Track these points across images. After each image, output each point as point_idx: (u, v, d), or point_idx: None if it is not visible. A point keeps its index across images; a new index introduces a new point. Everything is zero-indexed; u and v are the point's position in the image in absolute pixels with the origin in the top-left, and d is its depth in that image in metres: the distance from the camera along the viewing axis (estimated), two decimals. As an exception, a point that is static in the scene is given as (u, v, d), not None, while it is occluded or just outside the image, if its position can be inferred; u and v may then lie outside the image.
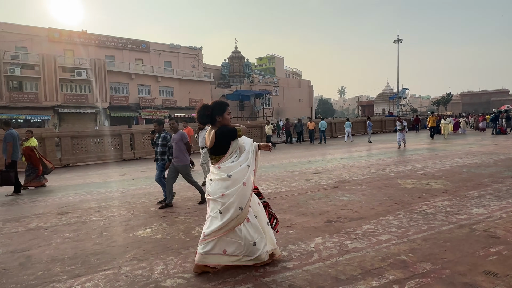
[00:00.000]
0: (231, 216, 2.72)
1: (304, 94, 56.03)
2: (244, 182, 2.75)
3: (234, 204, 2.71)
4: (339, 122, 27.90)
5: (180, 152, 5.47)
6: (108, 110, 29.63)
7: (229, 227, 2.76)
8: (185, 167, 5.53)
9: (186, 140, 5.54)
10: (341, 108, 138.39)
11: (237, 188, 2.73)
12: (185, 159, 5.51)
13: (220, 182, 2.77)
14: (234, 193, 2.72)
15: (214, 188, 2.79)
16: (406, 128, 14.72)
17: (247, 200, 2.76)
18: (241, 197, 2.74)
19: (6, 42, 27.59)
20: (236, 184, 2.73)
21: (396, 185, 6.68)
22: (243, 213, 2.74)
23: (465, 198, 5.37)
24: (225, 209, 2.72)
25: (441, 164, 9.32)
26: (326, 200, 5.63)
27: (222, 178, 2.76)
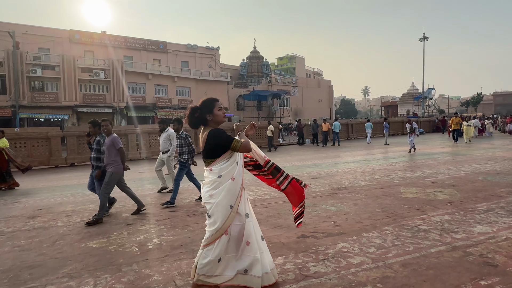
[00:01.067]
0: (222, 218, 2.46)
1: (323, 94, 54.86)
2: (232, 177, 2.52)
3: (223, 202, 2.47)
4: (356, 123, 26.93)
5: (111, 159, 4.87)
6: (125, 110, 30.09)
7: (219, 231, 2.48)
8: (117, 175, 4.96)
9: (118, 145, 4.90)
10: (365, 108, 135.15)
11: (224, 185, 2.49)
12: (117, 167, 4.90)
13: (209, 185, 2.55)
14: (221, 190, 2.49)
15: (204, 191, 2.58)
16: (416, 130, 13.57)
17: (237, 197, 2.52)
18: (229, 193, 2.50)
19: (29, 43, 28.64)
20: (224, 181, 2.51)
21: (396, 194, 6.03)
22: (233, 212, 2.50)
23: (470, 212, 4.68)
24: (213, 210, 2.48)
25: (455, 170, 8.50)
26: (311, 210, 5.10)
27: (213, 180, 2.54)
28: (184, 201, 6.05)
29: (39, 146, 12.38)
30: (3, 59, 25.22)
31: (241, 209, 2.56)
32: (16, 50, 24.80)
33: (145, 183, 8.47)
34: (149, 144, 15.14)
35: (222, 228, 2.47)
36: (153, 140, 15.48)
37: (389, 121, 21.86)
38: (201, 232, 4.19)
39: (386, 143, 18.53)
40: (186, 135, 6.07)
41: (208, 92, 37.52)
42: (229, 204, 2.49)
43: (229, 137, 2.52)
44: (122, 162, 4.98)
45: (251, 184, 7.25)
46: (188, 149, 6.00)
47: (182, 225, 4.55)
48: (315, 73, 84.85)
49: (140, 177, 9.78)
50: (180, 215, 5.09)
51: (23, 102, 25.62)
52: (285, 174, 2.82)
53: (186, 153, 5.97)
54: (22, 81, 25.82)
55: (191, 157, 6.03)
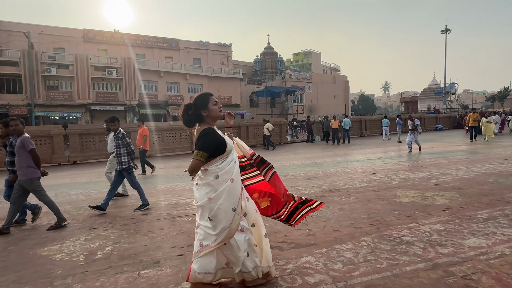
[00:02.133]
0: (226, 222, 2.36)
1: (339, 90, 53.66)
2: (231, 178, 2.40)
3: (225, 206, 2.36)
4: (370, 120, 26.02)
5: (22, 163, 4.32)
6: (137, 108, 30.36)
7: (226, 234, 2.38)
8: (30, 182, 4.37)
9: (30, 147, 4.33)
10: (385, 104, 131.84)
11: (224, 187, 2.37)
12: (29, 171, 4.37)
13: (206, 187, 2.40)
14: (221, 193, 2.37)
15: (201, 193, 2.42)
16: (419, 128, 12.44)
17: (239, 200, 2.43)
18: (231, 196, 2.39)
19: (45, 43, 29.33)
20: (222, 183, 2.38)
21: (391, 197, 5.52)
22: (237, 214, 2.40)
23: (468, 220, 4.14)
24: (215, 214, 2.36)
25: (465, 170, 7.83)
26: (291, 215, 4.68)
27: (209, 181, 2.39)
28: (162, 203, 5.76)
29: (42, 145, 12.49)
30: (19, 59, 25.91)
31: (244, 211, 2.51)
32: (31, 50, 25.40)
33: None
34: (152, 142, 15.05)
35: (229, 232, 2.37)
36: (161, 137, 15.41)
37: (402, 118, 20.87)
38: (163, 239, 3.88)
39: (399, 140, 17.77)
40: (123, 135, 5.43)
41: (220, 89, 37.38)
42: (231, 207, 2.37)
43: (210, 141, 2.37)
44: (36, 166, 4.42)
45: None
46: (126, 150, 5.39)
47: (145, 231, 4.25)
48: (332, 69, 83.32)
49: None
50: (150, 219, 4.80)
51: (38, 101, 26.26)
52: (269, 166, 2.83)
53: (125, 155, 5.36)
54: (38, 80, 26.46)
55: (131, 158, 5.46)
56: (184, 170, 2.70)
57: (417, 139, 12.25)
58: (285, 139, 19.91)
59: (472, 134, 15.49)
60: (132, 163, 5.47)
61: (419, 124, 12.21)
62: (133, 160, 5.54)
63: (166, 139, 15.51)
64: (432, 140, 17.65)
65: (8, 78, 26.43)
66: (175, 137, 15.71)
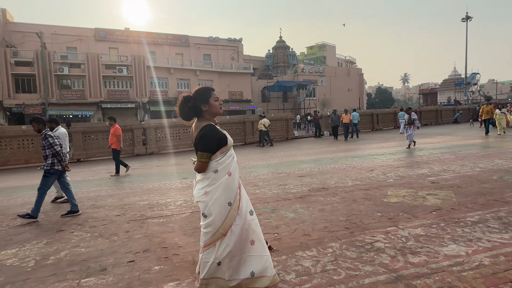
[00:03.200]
0: (221, 217, 2.24)
1: (353, 83, 52.42)
2: (228, 172, 2.30)
3: (220, 200, 2.25)
4: (382, 113, 25.23)
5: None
6: (148, 105, 30.63)
7: (220, 230, 2.25)
8: None
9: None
10: (404, 97, 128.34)
11: (221, 180, 2.27)
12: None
13: (204, 181, 2.31)
14: (218, 187, 2.26)
15: (198, 189, 2.33)
16: (416, 122, 11.38)
17: (235, 194, 2.31)
18: (227, 189, 2.28)
19: (58, 43, 29.94)
20: (220, 177, 2.28)
21: (379, 197, 5.17)
22: (233, 209, 2.27)
23: (455, 223, 3.77)
24: (210, 209, 2.25)
25: (470, 166, 7.32)
26: (266, 217, 4.44)
27: (207, 175, 2.30)
28: (142, 203, 5.62)
29: (45, 143, 12.66)
30: (33, 59, 26.56)
31: (241, 208, 2.32)
32: (44, 50, 25.96)
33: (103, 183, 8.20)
34: (155, 139, 15.06)
35: (222, 227, 2.24)
36: (159, 135, 15.41)
37: (413, 110, 20.06)
38: (122, 243, 3.72)
39: (409, 134, 17.08)
40: (46, 135, 4.91)
41: (230, 84, 37.24)
42: (227, 201, 2.26)
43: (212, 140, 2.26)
44: None
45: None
46: (52, 152, 4.90)
47: (110, 233, 4.10)
48: (347, 61, 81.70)
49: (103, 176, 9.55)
50: (121, 220, 4.66)
51: (52, 100, 26.89)
52: None
53: (50, 156, 4.92)
54: (51, 80, 27.08)
55: (58, 160, 4.96)
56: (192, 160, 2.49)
57: (411, 133, 11.36)
58: (292, 134, 19.55)
59: (487, 126, 14.63)
60: (58, 165, 5.00)
61: (416, 118, 11.40)
62: (62, 162, 5.05)
63: (169, 136, 15.48)
64: (446, 134, 16.89)
65: (23, 78, 27.18)
66: (178, 134, 15.66)
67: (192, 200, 5.61)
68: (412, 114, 11.38)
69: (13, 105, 26.17)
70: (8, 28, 28.57)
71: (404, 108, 12.85)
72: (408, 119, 11.48)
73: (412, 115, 11.36)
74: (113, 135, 8.83)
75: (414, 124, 11.31)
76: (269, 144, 16.11)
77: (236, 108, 35.89)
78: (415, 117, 11.32)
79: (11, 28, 28.69)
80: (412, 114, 11.38)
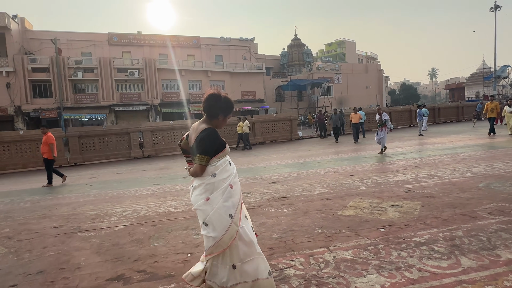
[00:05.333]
0: (222, 229, 2.19)
1: (372, 80, 50.67)
2: (230, 184, 2.27)
3: (221, 211, 2.19)
4: (396, 111, 24.06)
5: None
6: (159, 107, 30.96)
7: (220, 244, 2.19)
8: None
9: None
10: (431, 92, 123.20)
11: (223, 189, 2.24)
12: None
13: (203, 187, 2.25)
14: (219, 196, 2.22)
15: (196, 195, 2.29)
16: (389, 124, 10.31)
17: (237, 207, 2.26)
18: (228, 201, 2.23)
19: (74, 49, 30.89)
20: (221, 184, 2.25)
21: (336, 209, 4.67)
22: (234, 223, 2.21)
23: (395, 245, 3.25)
24: (211, 219, 2.20)
25: (462, 171, 6.63)
26: (198, 231, 4.08)
27: (205, 181, 2.25)
28: (90, 213, 5.40)
29: (42, 147, 12.91)
30: (49, 65, 27.51)
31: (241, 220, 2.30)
32: (58, 56, 26.82)
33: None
34: (152, 142, 15.04)
35: (223, 241, 2.18)
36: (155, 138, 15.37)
37: (426, 107, 18.91)
38: (29, 261, 3.48)
39: (421, 133, 16.10)
40: None
41: (243, 84, 36.97)
42: (228, 213, 2.20)
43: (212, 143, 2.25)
44: None
45: (150, 195, 6.35)
46: None
47: (27, 249, 3.88)
48: (368, 58, 79.48)
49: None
50: (54, 233, 4.44)
51: (66, 104, 27.75)
52: None
53: None
54: (66, 85, 27.95)
55: None
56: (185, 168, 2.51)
57: (383, 137, 10.20)
58: (296, 135, 18.97)
59: (492, 126, 12.93)
60: None
61: (388, 119, 10.37)
62: None
63: (166, 139, 15.41)
64: (460, 132, 15.77)
65: (40, 84, 28.23)
66: (175, 137, 15.55)
67: (137, 210, 5.34)
68: (384, 115, 10.34)
69: (30, 110, 27.24)
70: (26, 36, 29.78)
71: (376, 107, 11.57)
72: (379, 120, 10.41)
73: (384, 115, 10.33)
74: (45, 143, 8.47)
75: (385, 126, 10.27)
76: (248, 147, 15.47)
77: (248, 108, 35.58)
78: (386, 118, 10.31)
79: (29, 36, 29.89)
80: (384, 115, 10.34)
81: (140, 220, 4.77)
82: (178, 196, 6.23)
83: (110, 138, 13.91)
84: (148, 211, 5.22)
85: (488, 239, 3.25)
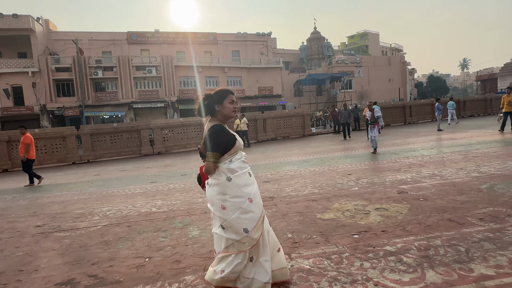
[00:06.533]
0: (236, 236, 2.25)
1: (395, 72, 48.85)
2: (249, 198, 2.26)
3: (236, 222, 2.22)
4: (415, 105, 23.06)
5: None
6: (177, 104, 31.36)
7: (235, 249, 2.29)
8: None
9: None
10: (462, 84, 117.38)
11: (239, 202, 2.23)
12: None
13: (217, 187, 2.28)
14: (235, 207, 2.23)
15: (212, 194, 2.31)
16: (381, 121, 9.36)
17: (256, 223, 2.26)
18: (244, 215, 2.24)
19: (95, 48, 31.83)
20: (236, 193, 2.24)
21: (318, 211, 4.46)
22: (249, 238, 2.24)
23: (362, 254, 3.02)
24: (228, 224, 2.25)
25: (467, 171, 6.16)
26: (168, 233, 4.00)
27: (220, 182, 2.27)
28: (76, 211, 5.47)
29: (56, 145, 13.40)
30: (71, 64, 28.51)
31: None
32: (79, 56, 27.73)
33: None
34: (162, 139, 15.20)
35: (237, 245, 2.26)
36: (165, 135, 15.52)
37: (442, 102, 17.96)
38: (10, 260, 3.52)
39: (440, 128, 15.25)
40: None
41: (260, 80, 36.72)
42: (242, 227, 2.22)
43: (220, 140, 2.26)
44: None
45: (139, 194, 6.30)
46: None
47: (15, 246, 3.94)
48: (393, 49, 76.67)
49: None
50: (30, 233, 4.51)
51: (88, 102, 28.70)
52: None
53: None
54: (87, 83, 28.88)
55: None
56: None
57: (375, 136, 9.31)
58: (309, 131, 18.58)
59: (505, 122, 11.82)
60: None
61: (381, 115, 9.39)
62: None
63: (176, 136, 15.53)
64: (484, 127, 14.87)
65: (63, 83, 29.34)
66: (185, 133, 15.64)
67: (121, 209, 5.34)
68: (376, 111, 9.41)
69: (55, 108, 28.40)
70: (51, 37, 31.00)
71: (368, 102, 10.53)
72: (370, 116, 9.50)
73: (376, 112, 9.40)
74: (23, 144, 8.49)
75: (377, 124, 9.34)
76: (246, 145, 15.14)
77: (265, 103, 35.33)
78: (379, 115, 9.34)
79: (53, 37, 31.10)
80: (376, 111, 9.41)
81: (119, 220, 4.76)
82: (167, 195, 6.19)
83: (121, 135, 14.22)
84: (130, 211, 5.21)
85: (467, 250, 2.93)
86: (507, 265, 2.62)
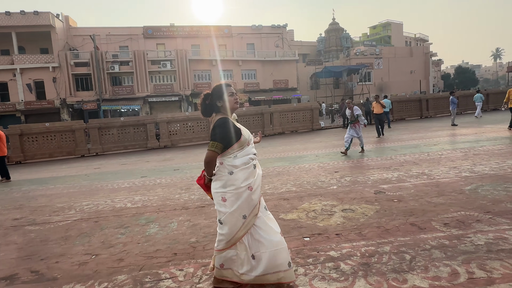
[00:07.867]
0: (232, 228, 2.31)
1: (417, 64, 46.99)
2: (249, 186, 2.31)
3: (236, 212, 2.30)
4: (433, 98, 22.10)
5: None
6: (191, 97, 31.66)
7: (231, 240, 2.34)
8: None
9: None
10: (494, 75, 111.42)
11: (240, 191, 2.29)
12: None
13: (219, 181, 2.34)
14: (236, 199, 2.29)
15: (214, 188, 2.38)
16: (362, 120, 8.73)
17: (253, 209, 2.34)
18: (244, 204, 2.30)
19: (112, 43, 32.55)
20: (237, 182, 2.28)
21: (284, 210, 4.37)
22: (247, 222, 2.32)
23: (305, 258, 2.94)
24: (226, 219, 2.31)
25: (459, 170, 5.85)
26: (127, 230, 4.02)
27: (223, 175, 2.33)
28: (58, 205, 5.62)
29: (66, 138, 13.88)
30: (89, 59, 29.34)
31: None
32: (97, 51, 28.46)
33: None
34: (168, 133, 15.39)
35: (235, 238, 2.31)
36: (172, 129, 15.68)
37: (457, 95, 17.03)
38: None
39: (454, 123, 14.52)
40: None
41: (275, 72, 36.37)
42: (242, 214, 2.30)
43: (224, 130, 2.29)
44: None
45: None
46: None
47: (-29, 241, 4.11)
48: (417, 40, 73.61)
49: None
50: (4, 226, 4.68)
51: (105, 96, 29.50)
52: None
53: None
54: (104, 78, 29.66)
55: None
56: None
57: (360, 135, 8.77)
58: (318, 125, 18.23)
59: None
60: None
61: (360, 113, 8.73)
62: None
63: (182, 130, 15.68)
64: (499, 122, 14.02)
65: (82, 78, 30.27)
66: (191, 127, 15.76)
67: (99, 204, 5.44)
68: (355, 109, 8.73)
69: (74, 102, 29.41)
70: (70, 33, 31.98)
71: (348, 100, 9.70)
72: (350, 115, 8.89)
73: (355, 110, 8.70)
74: None
75: (358, 122, 8.72)
76: None
77: (279, 97, 35.02)
78: (358, 113, 8.69)
79: (73, 33, 32.06)
80: (355, 109, 8.73)
81: (90, 215, 4.85)
82: (149, 191, 6.25)
83: (128, 129, 14.53)
84: (106, 206, 5.29)
85: (412, 258, 2.75)
86: (446, 277, 2.44)
